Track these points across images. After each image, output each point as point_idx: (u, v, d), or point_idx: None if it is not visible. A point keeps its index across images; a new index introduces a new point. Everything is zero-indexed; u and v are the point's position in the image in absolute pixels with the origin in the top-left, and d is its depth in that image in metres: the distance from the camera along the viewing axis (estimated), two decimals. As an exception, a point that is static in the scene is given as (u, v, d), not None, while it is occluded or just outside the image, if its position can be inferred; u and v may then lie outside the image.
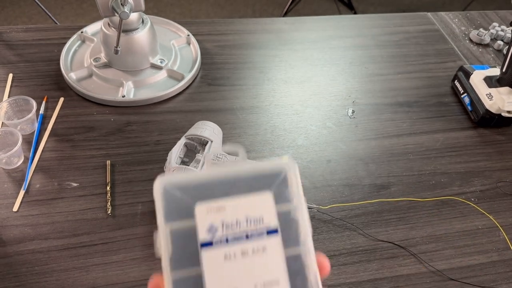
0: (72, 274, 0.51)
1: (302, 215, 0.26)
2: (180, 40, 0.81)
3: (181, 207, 0.25)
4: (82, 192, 0.58)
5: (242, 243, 0.24)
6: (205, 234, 0.24)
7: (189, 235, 0.24)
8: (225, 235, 0.24)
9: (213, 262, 0.24)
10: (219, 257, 0.24)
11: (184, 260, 0.24)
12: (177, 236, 0.24)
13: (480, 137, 0.71)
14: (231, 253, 0.24)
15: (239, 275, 0.24)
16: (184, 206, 0.25)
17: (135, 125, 0.68)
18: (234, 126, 0.69)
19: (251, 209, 0.25)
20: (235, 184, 0.26)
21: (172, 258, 0.24)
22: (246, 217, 0.25)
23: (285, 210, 0.26)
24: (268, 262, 0.24)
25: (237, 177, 0.26)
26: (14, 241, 0.53)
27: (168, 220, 0.25)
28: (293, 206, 0.26)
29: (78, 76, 0.73)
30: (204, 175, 0.26)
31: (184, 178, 0.25)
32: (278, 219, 0.26)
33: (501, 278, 0.54)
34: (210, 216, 0.25)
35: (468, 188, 0.64)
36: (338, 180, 0.63)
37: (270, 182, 0.26)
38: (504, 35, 0.90)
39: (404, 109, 0.75)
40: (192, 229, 0.25)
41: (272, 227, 0.25)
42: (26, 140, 0.63)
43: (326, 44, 0.86)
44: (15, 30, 0.81)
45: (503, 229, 0.59)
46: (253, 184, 0.26)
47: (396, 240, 0.57)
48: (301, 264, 0.25)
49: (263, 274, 0.24)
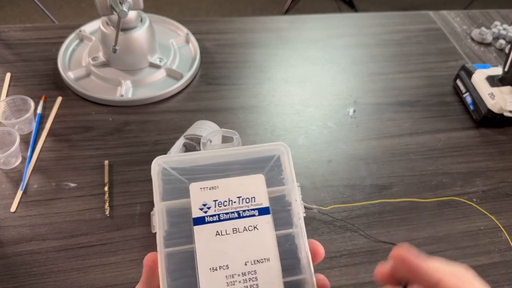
0: (70, 275, 0.50)
1: (294, 198, 0.27)
2: (179, 39, 0.81)
3: (176, 186, 0.26)
4: (80, 193, 0.58)
5: (233, 221, 0.25)
6: (198, 211, 0.25)
7: (183, 213, 0.25)
8: (217, 213, 0.25)
9: (204, 238, 0.25)
10: (211, 233, 0.25)
11: (178, 236, 0.25)
12: (172, 214, 0.25)
13: (482, 137, 0.71)
14: (223, 230, 0.25)
15: (230, 251, 0.25)
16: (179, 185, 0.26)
17: (133, 124, 0.67)
18: (234, 126, 0.68)
19: (244, 189, 0.26)
20: (229, 167, 0.27)
21: (166, 234, 0.25)
22: (238, 197, 0.26)
23: (278, 194, 0.27)
24: (259, 240, 0.25)
25: (231, 159, 0.27)
26: (12, 242, 0.52)
27: (164, 198, 0.26)
28: (286, 188, 0.27)
29: (76, 75, 0.72)
30: (199, 156, 0.27)
31: (180, 159, 0.27)
32: (271, 202, 0.26)
33: (503, 279, 0.54)
34: (204, 194, 0.26)
35: (470, 188, 0.63)
36: (339, 180, 0.62)
37: (263, 165, 0.27)
38: (506, 34, 0.90)
39: (405, 109, 0.74)
40: (186, 207, 0.26)
41: (263, 206, 0.26)
42: (23, 140, 0.63)
43: (327, 43, 0.85)
44: (13, 29, 0.80)
45: (505, 230, 0.59)
46: (247, 167, 0.27)
47: (397, 241, 0.56)
48: (293, 245, 0.26)
49: (254, 252, 0.25)
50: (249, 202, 0.26)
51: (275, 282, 0.25)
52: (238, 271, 0.25)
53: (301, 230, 0.26)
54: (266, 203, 0.26)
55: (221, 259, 0.25)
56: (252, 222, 0.26)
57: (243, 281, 0.24)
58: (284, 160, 0.27)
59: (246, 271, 0.25)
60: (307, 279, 0.25)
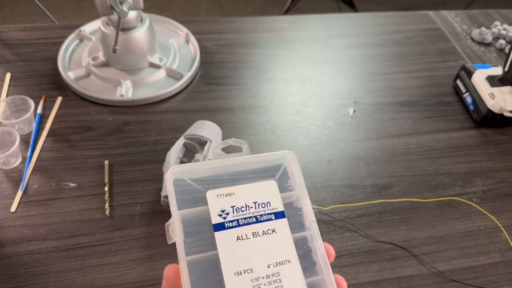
0: (70, 275, 0.50)
1: (305, 203, 0.28)
2: (179, 39, 0.81)
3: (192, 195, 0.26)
4: (80, 193, 0.58)
5: (252, 226, 0.26)
6: (217, 217, 0.26)
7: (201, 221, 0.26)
8: (236, 218, 0.26)
9: (226, 243, 0.25)
10: (232, 238, 0.25)
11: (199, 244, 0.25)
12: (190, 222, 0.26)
13: (482, 137, 0.71)
14: (243, 235, 0.26)
15: (252, 255, 0.25)
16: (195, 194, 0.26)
17: (133, 124, 0.67)
18: (233, 126, 0.68)
19: (258, 195, 0.27)
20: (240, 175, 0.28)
21: (186, 242, 0.25)
22: (254, 202, 0.27)
23: (288, 200, 0.28)
24: (278, 243, 0.26)
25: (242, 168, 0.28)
26: (12, 242, 0.52)
27: (181, 207, 0.26)
28: (294, 194, 0.28)
29: (76, 75, 0.72)
30: (212, 165, 0.27)
31: (193, 168, 0.27)
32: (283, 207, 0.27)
33: (503, 279, 0.54)
34: (221, 201, 0.26)
35: (470, 188, 0.63)
36: (339, 180, 0.62)
37: (273, 173, 0.28)
38: (506, 34, 0.90)
39: (405, 109, 0.74)
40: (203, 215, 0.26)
41: (279, 210, 0.27)
42: (23, 140, 0.63)
43: (327, 43, 0.85)
44: (13, 29, 0.80)
45: (505, 230, 0.59)
46: (257, 175, 0.28)
47: (397, 241, 0.56)
48: (308, 247, 0.27)
49: (275, 254, 0.26)
50: (265, 207, 0.27)
51: (299, 282, 0.25)
52: (262, 273, 0.25)
53: (316, 232, 0.27)
54: (281, 207, 0.27)
55: (244, 263, 0.25)
56: (270, 226, 0.26)
57: (268, 283, 0.24)
58: (291, 168, 0.29)
59: (270, 273, 0.25)
60: (326, 279, 0.26)
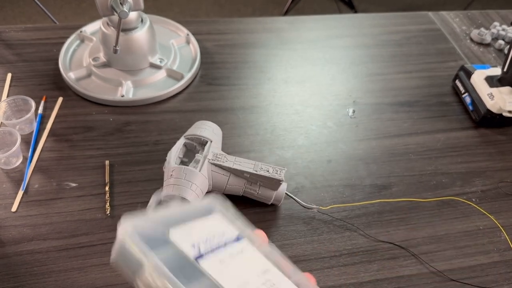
0: (71, 275, 0.50)
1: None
2: (180, 39, 0.81)
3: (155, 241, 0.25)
4: (81, 193, 0.58)
5: (223, 250, 0.27)
6: (192, 249, 0.26)
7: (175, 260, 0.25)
8: (207, 248, 0.27)
9: (214, 267, 0.26)
10: (215, 262, 0.26)
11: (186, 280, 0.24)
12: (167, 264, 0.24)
13: (481, 137, 0.71)
14: (222, 258, 0.26)
15: (239, 271, 0.26)
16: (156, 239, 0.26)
17: (134, 125, 0.67)
18: (234, 126, 0.68)
19: (212, 227, 0.28)
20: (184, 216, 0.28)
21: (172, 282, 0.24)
22: (213, 234, 0.28)
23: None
24: (252, 258, 0.27)
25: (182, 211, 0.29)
26: (13, 242, 0.53)
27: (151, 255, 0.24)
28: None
29: (77, 75, 0.72)
30: (160, 215, 0.28)
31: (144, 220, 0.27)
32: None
33: (502, 279, 0.54)
34: (185, 238, 0.27)
35: (469, 188, 0.63)
36: (338, 180, 0.63)
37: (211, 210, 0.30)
38: (505, 34, 0.90)
39: (405, 109, 0.74)
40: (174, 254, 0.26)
41: (236, 236, 0.28)
42: (24, 140, 0.63)
43: (327, 43, 0.85)
44: (14, 29, 0.80)
45: (504, 230, 0.59)
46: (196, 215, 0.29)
47: (397, 241, 0.57)
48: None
49: (256, 267, 0.27)
50: (223, 236, 0.28)
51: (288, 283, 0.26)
52: (258, 282, 0.26)
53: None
54: (236, 232, 0.28)
55: (238, 278, 0.25)
56: (237, 248, 0.27)
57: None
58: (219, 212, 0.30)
59: (263, 281, 0.26)
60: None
